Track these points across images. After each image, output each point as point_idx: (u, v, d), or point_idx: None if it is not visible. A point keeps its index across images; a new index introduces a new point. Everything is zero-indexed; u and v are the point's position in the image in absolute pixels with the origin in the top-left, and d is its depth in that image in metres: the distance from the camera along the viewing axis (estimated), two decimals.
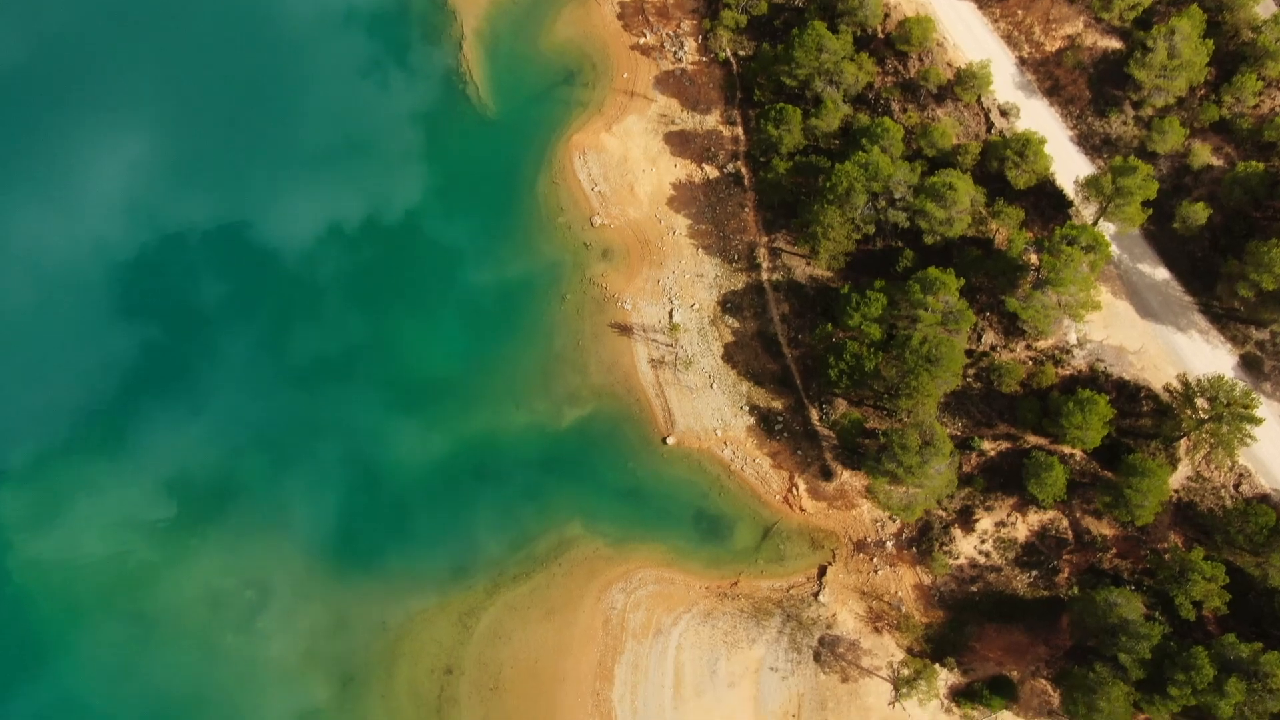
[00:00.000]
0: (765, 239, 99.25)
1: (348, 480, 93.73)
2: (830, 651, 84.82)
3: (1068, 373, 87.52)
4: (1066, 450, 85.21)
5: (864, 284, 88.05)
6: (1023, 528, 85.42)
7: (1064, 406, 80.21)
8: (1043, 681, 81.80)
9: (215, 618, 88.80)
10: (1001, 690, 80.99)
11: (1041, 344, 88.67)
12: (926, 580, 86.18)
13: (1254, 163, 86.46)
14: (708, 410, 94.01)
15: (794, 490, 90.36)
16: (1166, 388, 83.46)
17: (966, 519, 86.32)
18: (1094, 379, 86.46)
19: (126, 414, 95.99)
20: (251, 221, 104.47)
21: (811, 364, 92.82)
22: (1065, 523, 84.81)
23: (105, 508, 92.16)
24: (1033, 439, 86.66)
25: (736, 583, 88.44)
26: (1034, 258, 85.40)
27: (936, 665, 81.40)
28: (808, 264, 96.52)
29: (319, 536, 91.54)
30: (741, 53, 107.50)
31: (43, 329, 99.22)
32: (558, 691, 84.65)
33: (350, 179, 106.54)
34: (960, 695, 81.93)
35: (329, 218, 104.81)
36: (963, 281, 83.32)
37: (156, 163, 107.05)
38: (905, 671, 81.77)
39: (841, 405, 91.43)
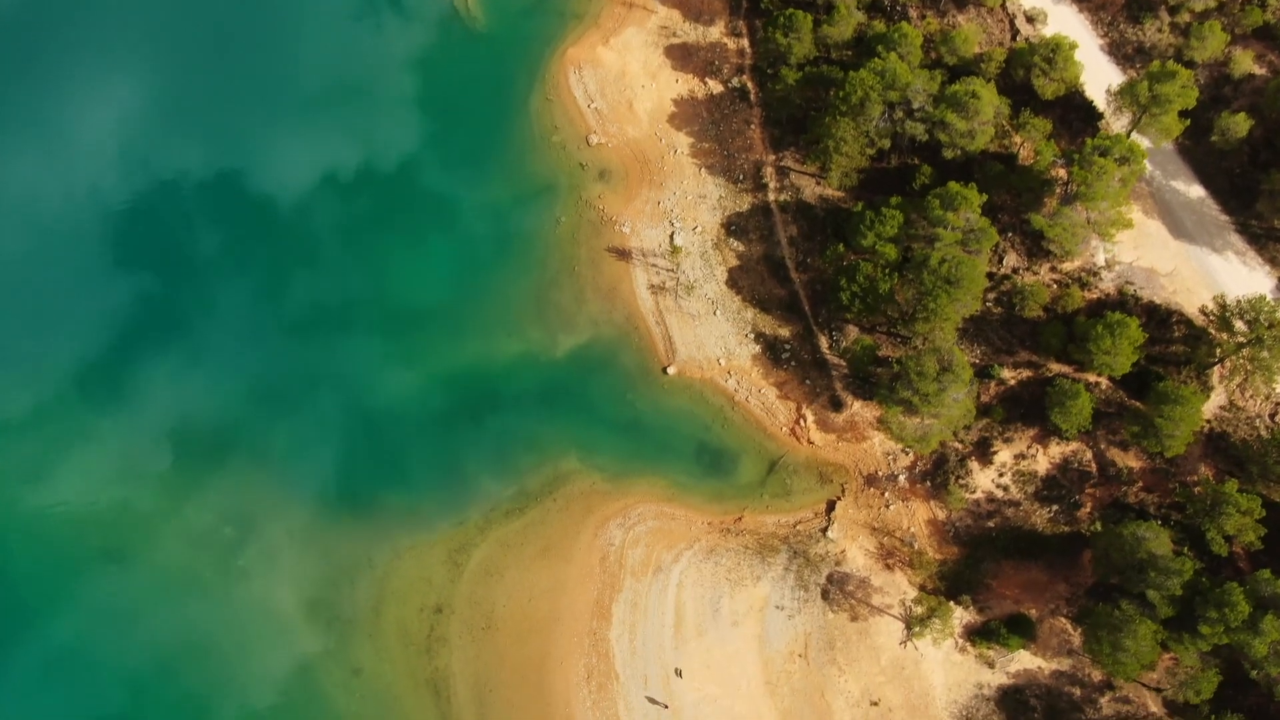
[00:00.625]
0: (772, 157, 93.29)
1: (334, 413, 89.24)
2: (839, 589, 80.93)
3: (1095, 296, 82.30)
4: (1092, 378, 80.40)
5: (878, 203, 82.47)
6: (1043, 460, 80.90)
7: (1092, 331, 75.15)
8: (1062, 620, 77.99)
9: (198, 558, 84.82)
10: (1019, 629, 77.25)
11: (1067, 265, 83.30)
12: (941, 515, 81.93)
13: None
14: (711, 338, 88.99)
15: (801, 422, 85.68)
16: (1202, 310, 78.27)
17: (984, 451, 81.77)
18: (1123, 302, 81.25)
19: (116, 358, 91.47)
20: (237, 151, 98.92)
21: (821, 289, 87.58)
22: (1089, 455, 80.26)
23: (96, 456, 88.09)
24: (1056, 366, 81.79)
25: (740, 518, 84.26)
26: (1061, 172, 79.97)
27: (951, 603, 77.43)
28: (818, 183, 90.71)
29: (304, 473, 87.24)
30: None
31: (35, 276, 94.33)
32: (552, 630, 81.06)
33: (333, 100, 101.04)
34: (976, 634, 78.24)
35: (313, 145, 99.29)
36: (984, 198, 77.93)
37: (147, 108, 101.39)
38: (918, 610, 77.94)
39: (853, 332, 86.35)
